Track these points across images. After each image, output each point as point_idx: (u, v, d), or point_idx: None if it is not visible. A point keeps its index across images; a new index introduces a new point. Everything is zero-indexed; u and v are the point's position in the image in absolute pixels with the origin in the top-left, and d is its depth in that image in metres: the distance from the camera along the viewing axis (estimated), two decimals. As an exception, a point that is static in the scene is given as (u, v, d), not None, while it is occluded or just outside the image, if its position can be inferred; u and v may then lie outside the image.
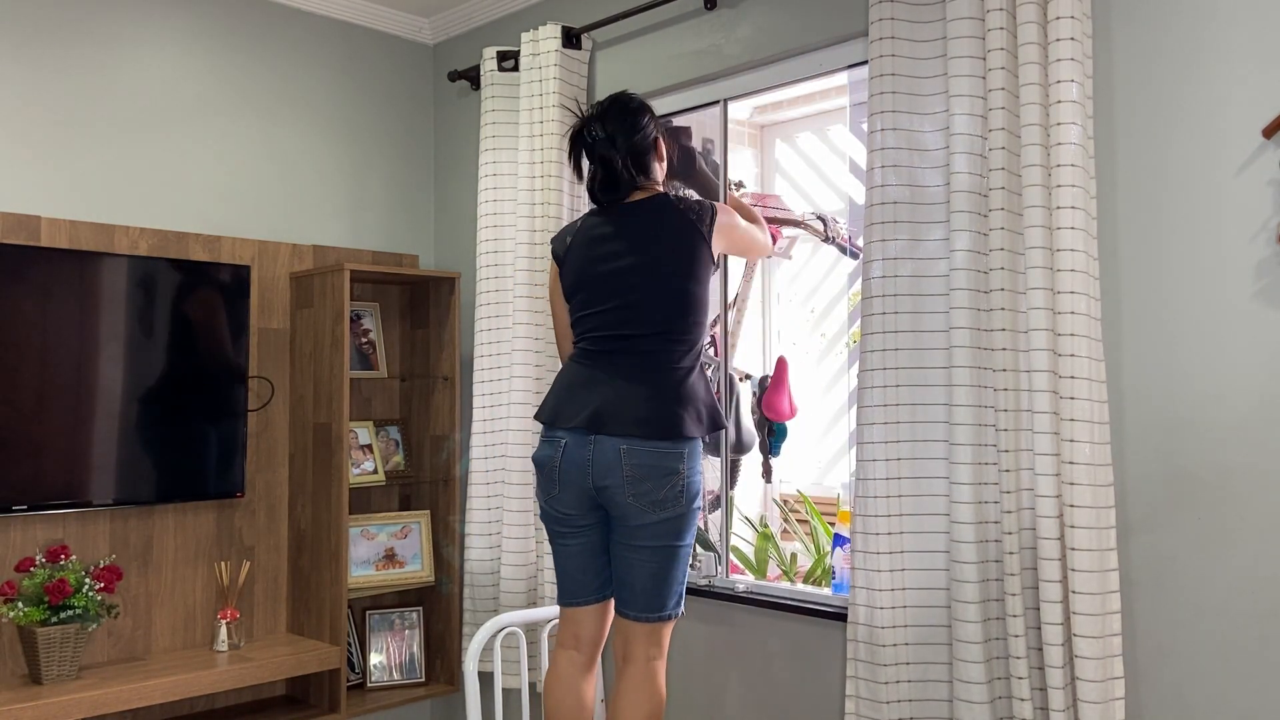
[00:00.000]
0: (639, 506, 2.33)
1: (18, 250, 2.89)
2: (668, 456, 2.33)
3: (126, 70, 3.22)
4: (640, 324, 2.39)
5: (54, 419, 2.93)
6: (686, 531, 2.39)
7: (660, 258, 2.41)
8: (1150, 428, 2.19)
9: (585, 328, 2.47)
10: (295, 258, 3.55)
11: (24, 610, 2.79)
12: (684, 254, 2.41)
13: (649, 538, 2.35)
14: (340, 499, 3.28)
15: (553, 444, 2.42)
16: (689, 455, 2.36)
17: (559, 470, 2.40)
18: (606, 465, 2.34)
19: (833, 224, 3.69)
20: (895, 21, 2.43)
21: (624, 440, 2.33)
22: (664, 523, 2.34)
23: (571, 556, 2.47)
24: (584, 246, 2.49)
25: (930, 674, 2.36)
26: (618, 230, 2.46)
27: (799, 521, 3.78)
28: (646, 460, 2.32)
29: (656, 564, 2.36)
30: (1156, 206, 2.18)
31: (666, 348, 2.39)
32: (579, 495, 2.39)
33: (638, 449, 2.32)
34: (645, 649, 2.39)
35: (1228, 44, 2.09)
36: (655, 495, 2.32)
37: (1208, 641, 2.11)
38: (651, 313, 2.39)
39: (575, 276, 2.50)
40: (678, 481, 2.34)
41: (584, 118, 2.52)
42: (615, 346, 2.41)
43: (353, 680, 3.52)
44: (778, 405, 3.04)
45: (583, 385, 2.41)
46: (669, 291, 2.39)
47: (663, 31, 3.18)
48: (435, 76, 3.96)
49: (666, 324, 2.39)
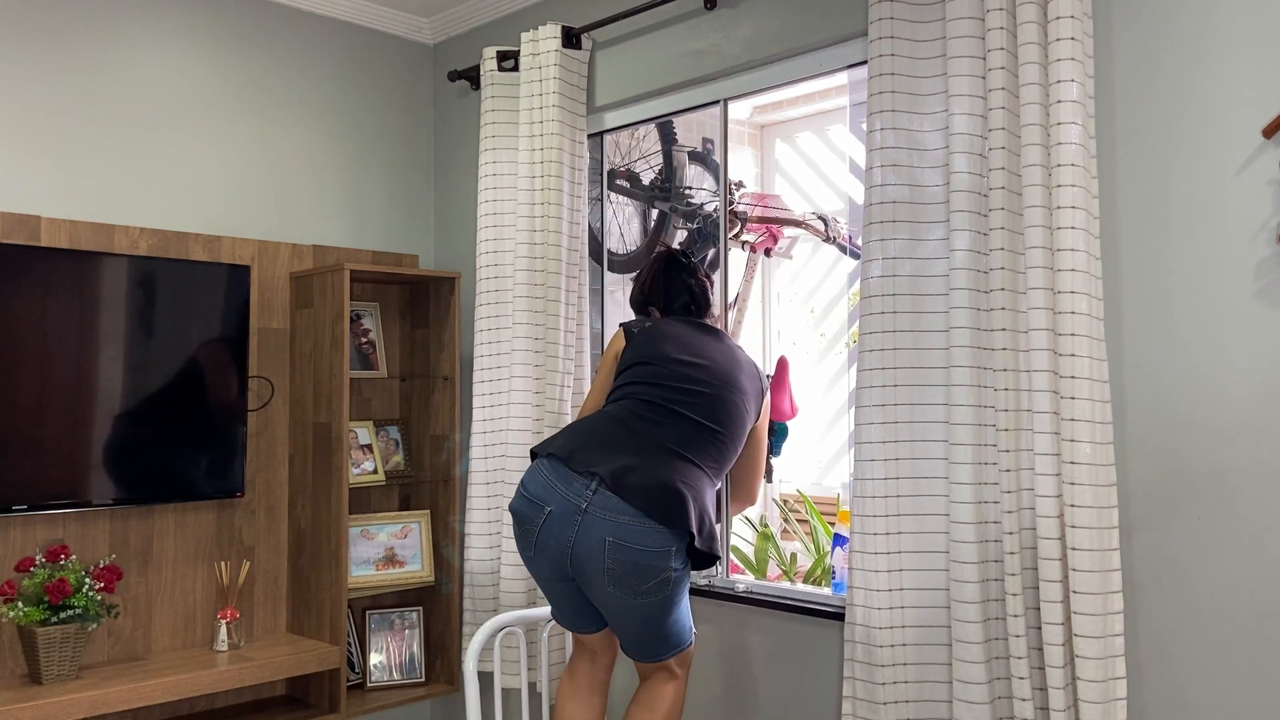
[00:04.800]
0: (619, 595, 2.21)
1: (18, 250, 2.89)
2: (655, 556, 2.16)
3: (127, 70, 3.22)
4: (697, 410, 2.37)
5: (54, 419, 2.93)
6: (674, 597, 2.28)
7: (738, 379, 2.49)
8: (1151, 427, 2.19)
9: (637, 391, 2.39)
10: (295, 258, 3.55)
11: (24, 610, 2.79)
12: (753, 391, 2.54)
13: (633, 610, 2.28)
14: (340, 499, 3.28)
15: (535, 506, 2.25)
16: (678, 553, 2.21)
17: (536, 539, 2.27)
18: (587, 554, 2.18)
19: (833, 224, 3.68)
20: (895, 21, 2.42)
21: (613, 530, 2.15)
22: (647, 605, 2.25)
23: (562, 603, 2.41)
24: (662, 338, 2.52)
25: (929, 674, 2.36)
26: (703, 341, 2.54)
27: (799, 521, 3.78)
28: (631, 558, 2.16)
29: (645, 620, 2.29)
30: (1157, 206, 2.18)
31: (709, 445, 2.37)
32: (555, 565, 2.29)
33: (624, 544, 2.15)
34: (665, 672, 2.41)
35: (1228, 44, 2.09)
36: (639, 588, 2.21)
37: (1209, 641, 2.10)
38: (714, 410, 2.40)
39: (647, 351, 2.47)
40: (663, 579, 2.21)
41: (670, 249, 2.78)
42: (664, 416, 2.34)
43: (353, 680, 3.52)
44: (779, 405, 3.03)
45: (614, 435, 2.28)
46: (735, 408, 2.45)
47: (663, 31, 3.18)
48: (435, 76, 3.96)
49: (720, 428, 2.40)
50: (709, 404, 2.40)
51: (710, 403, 2.40)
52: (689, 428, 2.35)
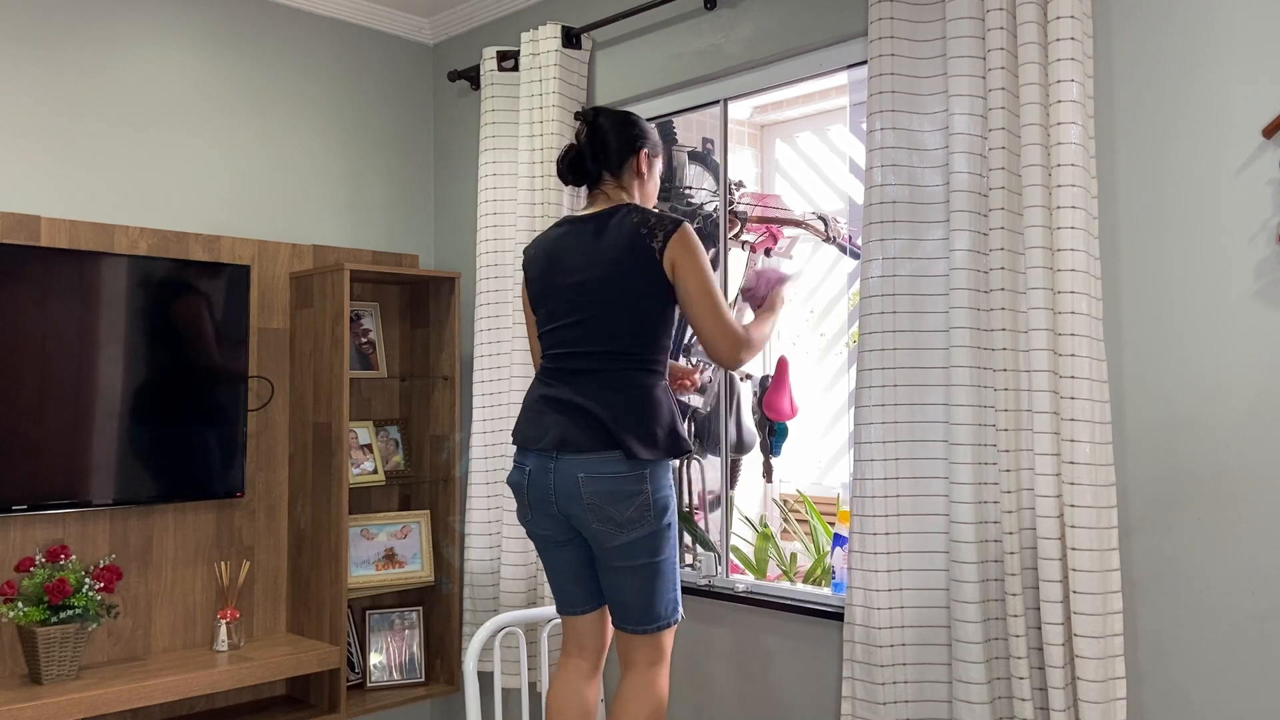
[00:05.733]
0: (607, 531, 2.30)
1: (18, 250, 2.89)
2: (626, 480, 2.29)
3: (127, 70, 3.22)
4: (597, 341, 2.35)
5: (54, 419, 2.93)
6: (663, 547, 2.35)
7: (616, 273, 2.34)
8: (1151, 427, 2.19)
9: (548, 343, 2.44)
10: (295, 258, 3.55)
11: (24, 610, 2.79)
12: (638, 269, 2.33)
13: (625, 558, 2.32)
14: (340, 499, 3.28)
15: (520, 469, 2.42)
16: (651, 475, 2.31)
17: (527, 496, 2.40)
18: (568, 493, 2.31)
19: (833, 224, 3.69)
20: (895, 21, 2.42)
21: (582, 467, 2.29)
22: (636, 542, 2.31)
23: (561, 570, 2.46)
24: (546, 259, 2.45)
25: (929, 674, 2.36)
26: (578, 242, 2.41)
27: (799, 521, 3.79)
28: (605, 486, 2.28)
29: (640, 582, 2.34)
30: (1157, 206, 2.18)
31: (623, 366, 2.35)
32: (551, 518, 2.39)
33: (596, 475, 2.28)
34: (646, 655, 2.39)
35: (1228, 44, 2.09)
36: (620, 518, 2.29)
37: (1209, 641, 2.10)
38: (608, 329, 2.35)
39: (539, 289, 2.46)
40: (642, 501, 2.30)
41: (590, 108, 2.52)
42: (575, 365, 2.37)
43: (353, 680, 3.52)
44: (779, 405, 3.03)
45: (545, 405, 2.39)
46: (624, 308, 2.34)
47: (663, 31, 3.18)
48: (435, 76, 3.96)
49: (622, 341, 2.34)
50: (606, 323, 2.35)
51: (606, 320, 2.36)
52: (601, 361, 2.37)
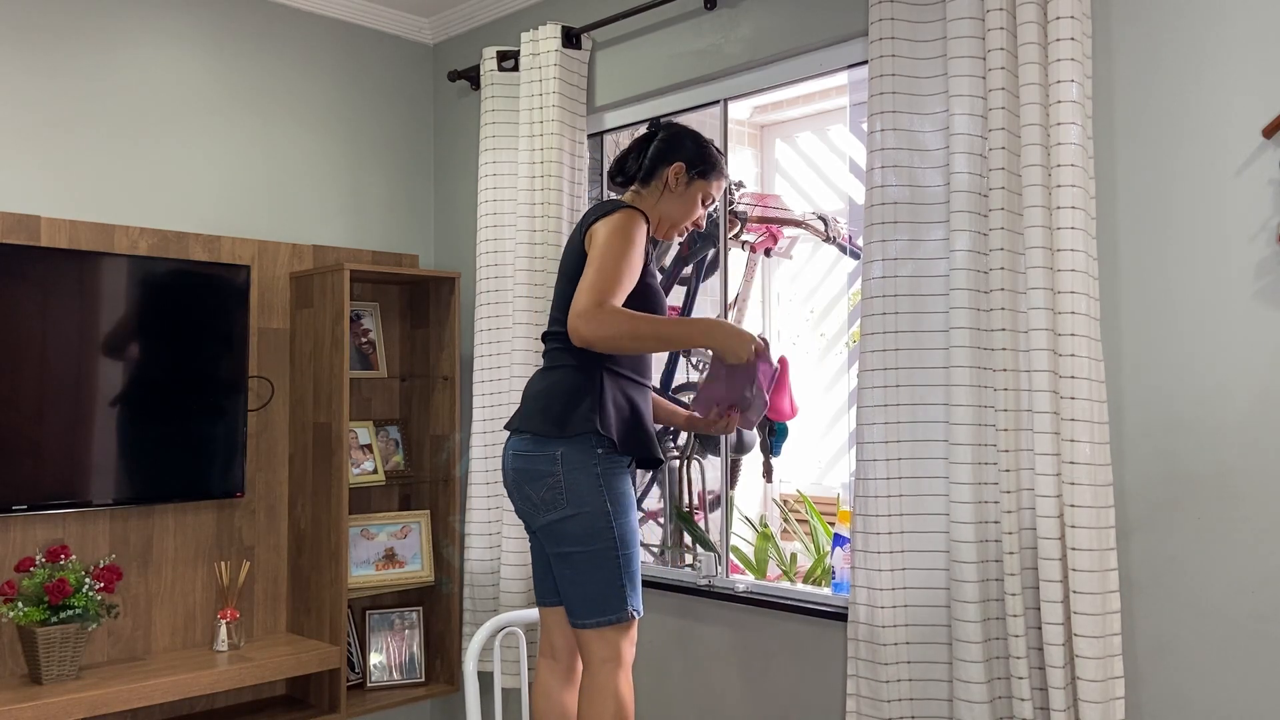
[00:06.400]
0: (528, 510, 2.36)
1: (18, 250, 2.89)
2: (537, 460, 2.32)
3: (126, 70, 3.22)
4: (550, 326, 2.44)
5: (54, 419, 2.93)
6: (593, 537, 2.28)
7: (564, 260, 2.43)
8: (1150, 427, 2.19)
9: None
10: (295, 258, 3.55)
11: (24, 610, 2.79)
12: (573, 253, 2.39)
13: (553, 543, 2.32)
14: (340, 499, 3.28)
15: None
16: (564, 457, 2.29)
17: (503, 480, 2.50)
18: (505, 470, 2.41)
19: (833, 224, 3.69)
20: (895, 22, 2.43)
21: (512, 446, 2.39)
22: (555, 526, 2.30)
23: (536, 557, 2.52)
24: None
25: (931, 674, 2.36)
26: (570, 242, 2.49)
27: (799, 521, 3.79)
28: (521, 464, 2.35)
29: (571, 571, 2.30)
30: (1156, 206, 2.18)
31: (557, 348, 2.41)
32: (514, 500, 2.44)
33: (517, 454, 2.36)
34: (598, 653, 2.31)
35: (1228, 44, 2.09)
36: (535, 498, 2.33)
37: (1208, 641, 2.11)
38: (554, 315, 2.43)
39: None
40: (554, 481, 2.30)
41: None
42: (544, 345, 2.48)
43: (353, 680, 3.52)
44: (779, 405, 3.03)
45: None
46: (560, 294, 2.42)
47: (663, 31, 3.18)
48: (435, 76, 3.96)
49: (560, 324, 2.39)
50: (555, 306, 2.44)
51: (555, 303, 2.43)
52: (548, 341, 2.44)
